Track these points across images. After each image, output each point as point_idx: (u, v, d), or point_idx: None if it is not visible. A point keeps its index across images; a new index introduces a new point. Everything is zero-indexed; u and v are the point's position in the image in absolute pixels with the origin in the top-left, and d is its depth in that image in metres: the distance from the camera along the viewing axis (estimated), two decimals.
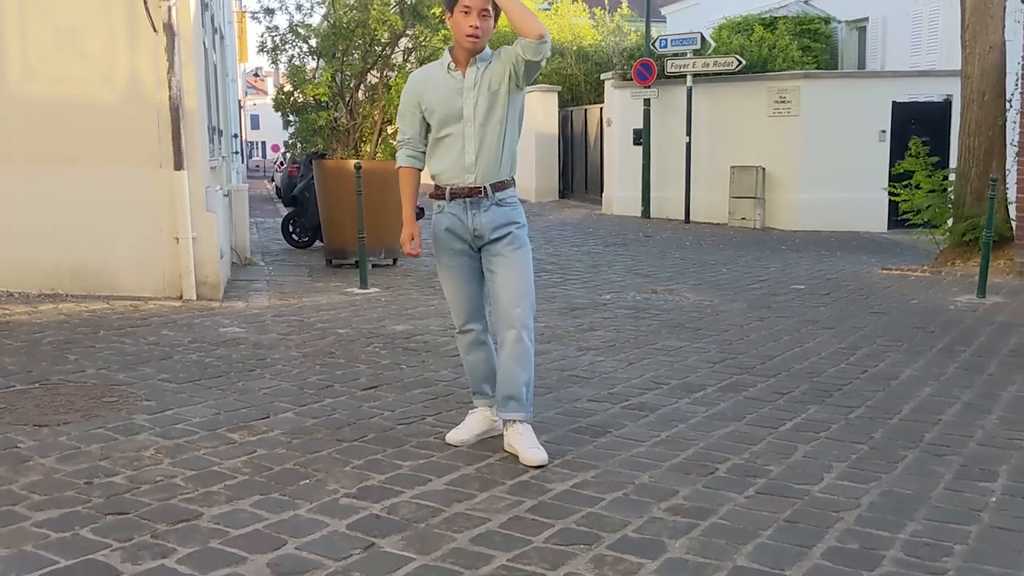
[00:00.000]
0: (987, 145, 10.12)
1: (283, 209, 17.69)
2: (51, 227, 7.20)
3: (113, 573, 2.65)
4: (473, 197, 3.69)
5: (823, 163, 15.23)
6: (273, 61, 11.90)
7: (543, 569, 2.73)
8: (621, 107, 17.98)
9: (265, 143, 59.37)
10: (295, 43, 11.49)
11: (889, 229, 14.85)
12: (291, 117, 12.32)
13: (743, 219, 15.79)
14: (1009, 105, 10.19)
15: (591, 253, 11.77)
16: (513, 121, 3.72)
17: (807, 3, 20.24)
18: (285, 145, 16.48)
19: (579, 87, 22.00)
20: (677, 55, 16.72)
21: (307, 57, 11.75)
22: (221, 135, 10.78)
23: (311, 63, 11.94)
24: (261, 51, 11.74)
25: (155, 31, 7.07)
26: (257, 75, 65.70)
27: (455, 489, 3.37)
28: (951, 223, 10.48)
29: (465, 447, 3.86)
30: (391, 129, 11.49)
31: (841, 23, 19.41)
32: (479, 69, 3.66)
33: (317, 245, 11.47)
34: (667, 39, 17.20)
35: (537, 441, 3.73)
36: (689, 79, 16.43)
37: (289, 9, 12.90)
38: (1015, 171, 9.65)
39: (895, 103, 15.27)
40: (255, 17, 12.52)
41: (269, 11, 11.58)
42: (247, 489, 3.33)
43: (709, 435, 4.06)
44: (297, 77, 11.66)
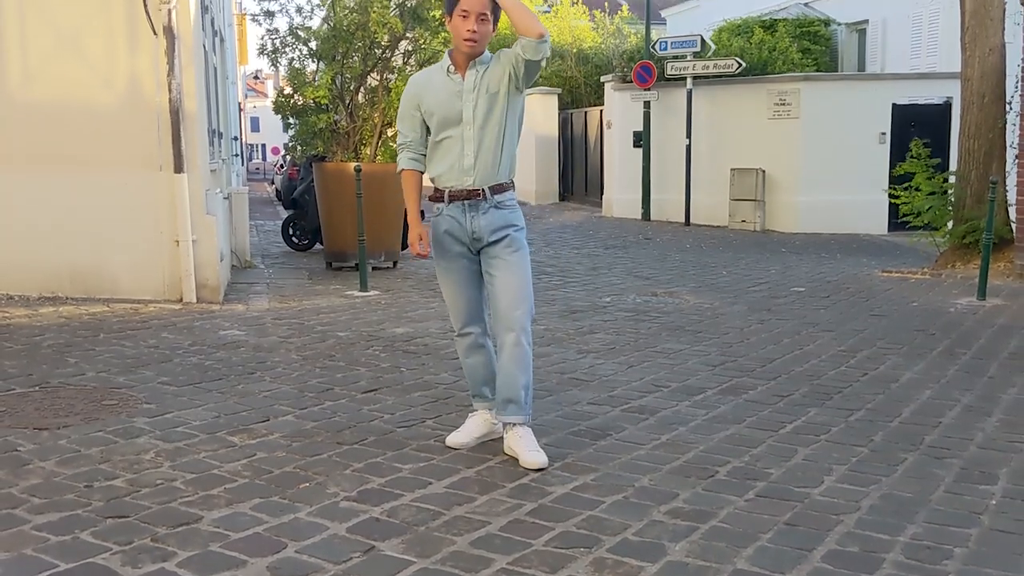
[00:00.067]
0: (987, 147, 10.13)
1: (283, 212, 17.72)
2: (51, 230, 7.20)
3: None
4: (471, 200, 3.69)
5: (823, 165, 15.24)
6: (273, 64, 11.91)
7: (543, 572, 2.73)
8: (621, 109, 18.00)
9: (265, 146, 59.40)
10: (295, 46, 11.49)
11: (889, 231, 14.86)
12: (291, 120, 12.32)
13: (743, 221, 15.80)
14: (1009, 107, 10.20)
15: (591, 255, 11.77)
16: (512, 124, 3.73)
17: (807, 5, 20.26)
18: (285, 148, 16.47)
19: (579, 89, 22.01)
20: (677, 57, 16.75)
21: (307, 60, 11.75)
22: (221, 138, 10.79)
23: (311, 66, 11.95)
24: (261, 54, 11.75)
25: (155, 34, 7.08)
26: (257, 77, 65.82)
27: (455, 492, 3.37)
28: (951, 225, 10.48)
29: (465, 450, 3.86)
30: (391, 132, 11.48)
31: (841, 25, 19.43)
32: (479, 72, 3.67)
33: (317, 248, 11.48)
34: (667, 41, 17.23)
35: (537, 444, 3.73)
36: (689, 81, 16.45)
37: (289, 12, 12.96)
38: (1015, 173, 9.66)
39: (895, 105, 15.29)
40: (255, 20, 12.57)
41: (269, 14, 11.59)
42: (247, 492, 3.33)
43: (709, 438, 4.06)
44: (297, 80, 11.67)
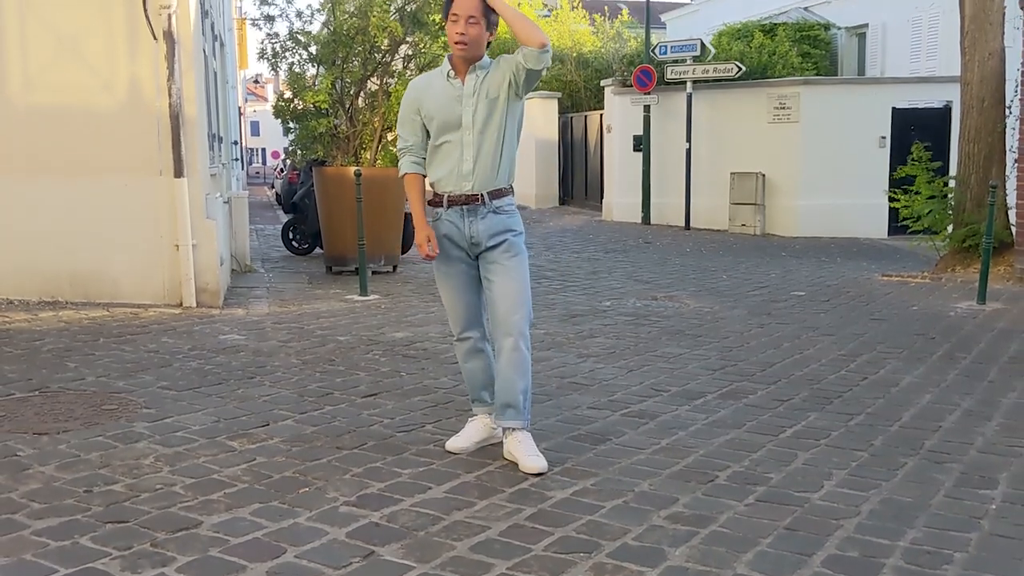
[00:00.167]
0: (987, 151, 10.13)
1: (283, 216, 17.75)
2: (51, 234, 7.20)
3: None
4: (470, 204, 3.70)
5: (823, 169, 15.25)
6: (273, 68, 11.90)
7: None
8: (621, 113, 18.02)
9: (265, 150, 59.48)
10: (295, 50, 11.48)
11: (889, 235, 14.85)
12: (291, 124, 12.31)
13: (743, 225, 15.80)
14: (1008, 111, 10.21)
15: (591, 259, 11.77)
16: (512, 129, 3.73)
17: (807, 9, 20.29)
18: (285, 152, 16.47)
19: (579, 93, 22.04)
20: (677, 61, 16.76)
21: (307, 64, 11.74)
22: (221, 142, 10.79)
23: (311, 70, 11.94)
24: (261, 58, 11.74)
25: (155, 39, 7.09)
26: (257, 82, 65.91)
27: (455, 497, 3.37)
28: (951, 229, 10.48)
29: (465, 455, 3.86)
30: (391, 136, 11.48)
31: (841, 29, 19.45)
32: (478, 77, 3.67)
33: (317, 252, 11.48)
34: (667, 46, 17.24)
35: (537, 448, 3.73)
36: (689, 85, 16.46)
37: (289, 16, 12.91)
38: (1015, 177, 9.66)
39: (895, 109, 15.30)
40: (255, 24, 12.53)
41: (269, 18, 11.58)
42: (247, 497, 3.33)
43: (709, 442, 4.06)
44: (297, 84, 11.67)
